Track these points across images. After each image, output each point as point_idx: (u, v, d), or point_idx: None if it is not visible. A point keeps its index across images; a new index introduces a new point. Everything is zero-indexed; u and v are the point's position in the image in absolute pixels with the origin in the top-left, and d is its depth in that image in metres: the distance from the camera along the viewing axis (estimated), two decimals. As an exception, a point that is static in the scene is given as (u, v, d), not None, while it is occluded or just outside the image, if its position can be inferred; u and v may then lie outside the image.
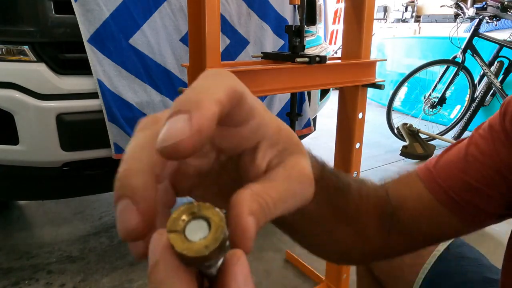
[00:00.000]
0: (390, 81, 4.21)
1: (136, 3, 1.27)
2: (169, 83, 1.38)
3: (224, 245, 0.17)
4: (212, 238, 0.16)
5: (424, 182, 0.47)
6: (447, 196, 0.45)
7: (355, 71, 1.09)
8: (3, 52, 1.19)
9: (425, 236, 0.47)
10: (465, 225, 0.46)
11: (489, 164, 0.44)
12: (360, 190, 0.42)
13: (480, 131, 0.46)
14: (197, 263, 0.16)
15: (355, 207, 0.42)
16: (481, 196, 0.44)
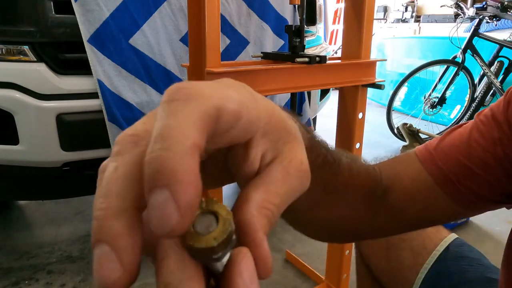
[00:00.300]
0: (390, 81, 4.21)
1: (136, 3, 1.27)
2: (169, 83, 1.38)
3: (231, 238, 0.17)
4: (220, 230, 0.17)
5: (423, 163, 0.46)
6: (447, 179, 0.45)
7: (355, 71, 1.09)
8: (3, 52, 1.19)
9: (418, 217, 0.47)
10: (460, 209, 0.46)
11: (491, 152, 0.43)
12: (350, 167, 0.41)
13: (482, 117, 0.46)
14: (206, 255, 0.17)
15: (343, 183, 0.41)
16: (481, 182, 0.44)
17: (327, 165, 0.37)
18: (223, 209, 0.17)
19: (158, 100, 1.37)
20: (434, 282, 0.66)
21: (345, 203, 0.43)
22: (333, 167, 0.38)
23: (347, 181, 0.41)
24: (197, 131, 0.16)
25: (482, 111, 0.47)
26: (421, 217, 0.47)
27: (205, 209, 0.17)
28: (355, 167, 0.42)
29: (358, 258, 0.82)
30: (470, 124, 0.47)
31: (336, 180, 0.40)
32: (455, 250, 0.70)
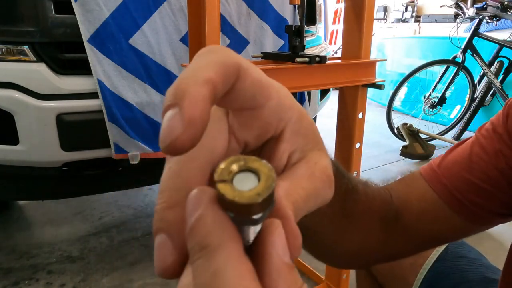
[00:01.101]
0: (390, 81, 4.21)
1: (136, 3, 1.27)
2: (169, 83, 1.38)
3: (273, 198, 0.16)
4: (263, 186, 0.15)
5: (428, 182, 0.47)
6: (452, 195, 0.45)
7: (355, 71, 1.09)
8: (3, 52, 1.19)
9: (429, 236, 0.47)
10: (470, 225, 0.46)
11: (493, 164, 0.44)
12: (366, 192, 0.42)
13: (483, 131, 0.47)
14: (247, 214, 0.15)
15: (362, 209, 0.41)
16: (486, 196, 0.44)
17: (348, 193, 0.38)
18: (264, 166, 0.16)
19: (158, 100, 1.37)
20: (434, 282, 0.66)
21: (364, 229, 0.43)
22: (353, 194, 0.39)
23: (365, 208, 0.42)
24: (213, 71, 0.17)
25: (482, 126, 0.48)
26: (433, 236, 0.47)
27: (245, 166, 0.16)
28: (370, 192, 0.43)
29: (358, 258, 0.82)
30: (471, 140, 0.47)
31: (356, 207, 0.40)
32: (454, 250, 0.70)
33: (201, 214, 0.16)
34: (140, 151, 1.37)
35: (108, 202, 2.04)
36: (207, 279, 0.15)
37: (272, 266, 0.16)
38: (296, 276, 0.16)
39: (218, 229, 0.15)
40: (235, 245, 0.15)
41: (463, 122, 3.23)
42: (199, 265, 0.15)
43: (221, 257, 0.15)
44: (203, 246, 0.15)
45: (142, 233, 1.74)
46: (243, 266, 0.15)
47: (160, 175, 0.20)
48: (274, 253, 0.16)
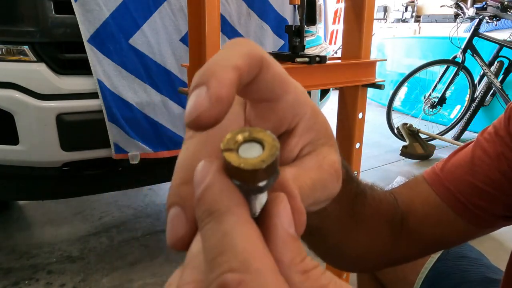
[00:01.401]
0: (390, 81, 4.21)
1: (136, 3, 1.27)
2: (169, 83, 1.38)
3: (277, 166, 0.17)
4: (268, 154, 0.16)
5: (431, 185, 0.47)
6: (455, 198, 0.45)
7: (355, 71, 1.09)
8: (3, 52, 1.19)
9: (433, 240, 0.47)
10: (473, 228, 0.46)
11: (496, 166, 0.44)
12: (373, 196, 0.42)
13: (485, 135, 0.47)
14: (252, 181, 0.16)
15: (369, 212, 0.42)
16: (489, 199, 0.44)
17: (357, 197, 0.39)
18: (268, 136, 0.17)
19: (158, 100, 1.37)
20: (435, 282, 0.66)
21: (371, 232, 0.44)
22: (362, 198, 0.40)
23: (372, 211, 0.42)
24: (240, 60, 0.18)
25: (485, 129, 0.48)
26: (437, 239, 0.48)
27: (250, 137, 0.17)
28: (376, 196, 0.43)
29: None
30: (473, 143, 0.47)
31: (365, 210, 0.41)
32: (455, 250, 0.70)
33: (208, 183, 0.16)
34: (140, 151, 1.37)
35: (108, 202, 2.04)
36: (216, 241, 0.15)
37: (278, 236, 0.16)
38: (301, 247, 0.17)
39: (226, 196, 0.16)
40: (242, 210, 0.16)
41: (463, 122, 3.23)
42: (208, 229, 0.16)
43: (229, 221, 0.15)
44: (211, 212, 0.16)
45: (142, 233, 1.74)
46: (250, 229, 0.16)
47: (160, 175, 0.21)
48: (279, 223, 0.17)
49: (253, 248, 0.15)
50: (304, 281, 0.16)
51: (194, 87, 0.17)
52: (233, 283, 0.14)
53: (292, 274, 0.16)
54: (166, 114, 1.39)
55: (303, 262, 0.16)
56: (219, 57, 0.18)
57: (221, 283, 0.14)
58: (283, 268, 0.16)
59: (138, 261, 1.55)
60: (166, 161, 1.47)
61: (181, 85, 1.36)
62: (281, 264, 0.16)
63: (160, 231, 1.77)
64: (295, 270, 0.16)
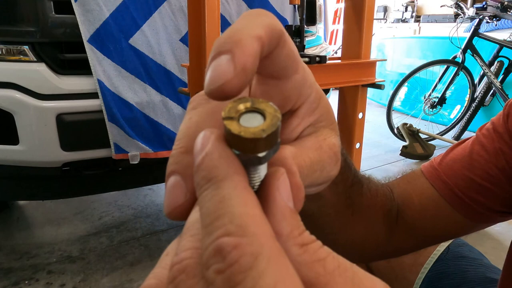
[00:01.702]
0: (390, 81, 4.21)
1: (136, 3, 1.27)
2: (169, 83, 1.38)
3: (278, 137, 0.16)
4: (269, 123, 0.16)
5: (429, 179, 0.47)
6: (452, 193, 0.46)
7: (355, 71, 1.09)
8: (3, 52, 1.19)
9: (429, 233, 0.48)
10: (470, 223, 0.46)
11: (493, 162, 0.44)
12: (369, 187, 0.43)
13: (484, 131, 0.47)
14: (252, 151, 0.16)
15: (366, 203, 0.42)
16: (486, 194, 0.44)
17: (355, 186, 0.39)
18: (270, 107, 0.17)
19: (158, 100, 1.37)
20: (435, 282, 0.66)
21: (368, 222, 0.44)
22: (358, 187, 0.40)
23: (369, 202, 0.42)
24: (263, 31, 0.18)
25: (483, 126, 0.48)
26: (433, 233, 0.48)
27: (251, 107, 0.17)
28: (373, 187, 0.43)
29: (357, 258, 0.82)
30: (472, 139, 0.48)
31: (361, 200, 0.41)
32: (455, 250, 0.70)
33: (208, 151, 0.16)
34: (140, 151, 1.37)
35: (108, 202, 2.04)
36: (213, 206, 0.15)
37: (276, 209, 0.16)
38: (299, 221, 0.17)
39: (225, 163, 0.16)
40: (241, 177, 0.16)
41: (463, 122, 3.23)
42: (205, 195, 0.15)
43: (228, 187, 0.15)
44: (210, 179, 0.16)
45: (142, 233, 1.74)
46: (248, 195, 0.15)
47: (160, 175, 0.21)
48: (278, 196, 0.16)
49: (250, 213, 0.15)
50: (302, 253, 0.16)
51: (217, 54, 0.17)
52: (229, 246, 0.14)
53: (290, 246, 0.16)
54: (166, 114, 1.39)
55: (301, 235, 0.16)
56: (241, 26, 0.18)
57: (217, 247, 0.14)
58: (281, 241, 0.16)
59: (138, 261, 1.55)
60: (166, 161, 1.47)
61: (181, 85, 1.36)
62: (279, 237, 0.16)
63: (160, 231, 1.77)
64: (293, 243, 0.16)
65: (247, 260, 0.13)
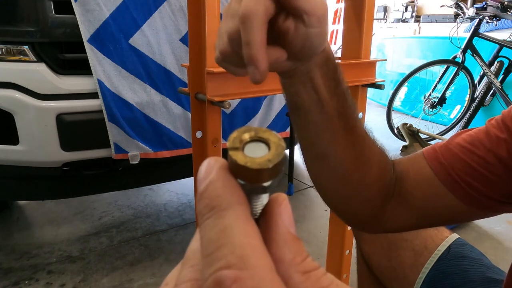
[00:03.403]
0: (390, 81, 4.21)
1: (136, 3, 1.27)
2: (169, 83, 1.38)
3: (283, 165, 0.16)
4: (274, 153, 0.16)
5: (427, 159, 0.49)
6: (447, 174, 0.47)
7: (355, 71, 1.09)
8: (3, 52, 1.19)
9: (424, 212, 0.49)
10: (467, 208, 0.47)
11: (493, 151, 0.45)
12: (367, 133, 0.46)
13: (493, 121, 0.48)
14: (257, 181, 0.16)
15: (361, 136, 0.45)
16: (482, 180, 0.45)
17: (347, 101, 0.43)
18: (274, 136, 0.17)
19: (158, 100, 1.37)
20: (435, 281, 0.66)
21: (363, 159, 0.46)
22: (353, 109, 0.44)
23: (365, 136, 0.45)
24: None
25: (494, 117, 0.49)
26: (429, 212, 0.49)
27: (255, 136, 0.17)
28: (371, 134, 0.47)
29: (359, 257, 0.82)
30: (479, 128, 0.49)
31: (356, 123, 0.44)
32: (456, 250, 0.70)
33: (212, 179, 0.16)
34: (140, 151, 1.37)
35: (108, 202, 2.04)
36: (215, 236, 0.15)
37: (279, 235, 0.16)
38: (302, 247, 0.17)
39: (228, 193, 0.16)
40: (244, 208, 0.16)
41: (463, 122, 3.23)
42: (207, 224, 0.15)
43: (230, 217, 0.15)
44: (212, 207, 0.16)
45: (142, 233, 1.74)
46: (250, 226, 0.15)
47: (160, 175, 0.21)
48: (281, 222, 0.17)
49: (251, 244, 0.15)
50: (304, 281, 0.15)
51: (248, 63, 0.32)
52: (229, 280, 0.13)
53: (293, 273, 0.15)
54: (166, 114, 1.39)
55: (304, 262, 0.16)
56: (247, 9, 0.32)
57: (216, 279, 0.14)
58: (284, 268, 0.16)
59: (138, 261, 1.55)
60: (166, 161, 1.47)
61: (181, 85, 1.36)
62: (281, 263, 0.16)
63: (160, 231, 1.77)
64: (295, 270, 0.16)
65: None
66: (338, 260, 1.28)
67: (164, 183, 2.21)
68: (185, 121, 1.43)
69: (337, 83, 0.42)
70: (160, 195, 2.14)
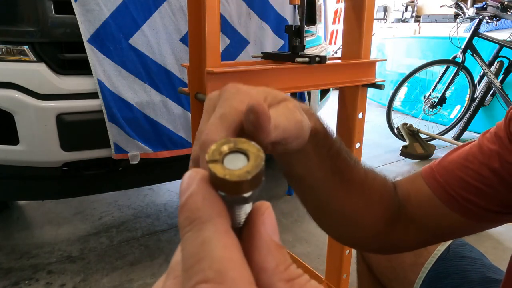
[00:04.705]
0: (390, 81, 4.21)
1: (136, 3, 1.27)
2: (169, 83, 1.38)
3: (262, 175, 0.17)
4: (253, 164, 0.16)
5: (424, 178, 0.49)
6: (445, 191, 0.47)
7: (355, 71, 1.09)
8: (3, 52, 1.19)
9: (428, 230, 0.49)
10: (469, 222, 0.47)
11: (486, 164, 0.45)
12: (366, 171, 0.44)
13: (487, 134, 0.48)
14: (237, 192, 0.16)
15: (359, 180, 0.44)
16: (478, 194, 0.45)
17: (341, 157, 0.41)
18: (253, 147, 0.17)
19: (158, 100, 1.37)
20: (435, 281, 0.66)
21: (361, 200, 0.45)
22: (348, 162, 0.42)
23: (363, 181, 0.44)
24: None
25: (488, 130, 0.50)
26: (433, 230, 0.49)
27: (234, 148, 0.17)
28: (370, 173, 0.45)
29: (359, 257, 0.82)
30: (473, 142, 0.49)
31: (352, 173, 0.43)
32: (456, 250, 0.70)
33: (192, 192, 0.16)
34: (140, 151, 1.37)
35: (108, 202, 2.04)
36: (194, 249, 0.15)
37: (262, 243, 0.16)
38: (286, 255, 0.17)
39: (208, 205, 0.16)
40: (223, 220, 0.16)
41: (463, 122, 3.23)
42: (187, 237, 0.15)
43: (209, 230, 0.15)
44: (192, 220, 0.16)
45: (142, 233, 1.74)
46: (229, 239, 0.15)
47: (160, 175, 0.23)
48: (264, 231, 0.17)
49: (230, 257, 0.15)
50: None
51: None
52: None
53: (276, 282, 0.15)
54: (166, 114, 1.39)
55: (287, 270, 0.16)
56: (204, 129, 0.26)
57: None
58: (267, 276, 0.16)
59: (138, 261, 1.55)
60: (166, 161, 1.47)
61: (181, 85, 1.36)
62: (265, 272, 0.16)
63: (160, 231, 1.77)
64: (278, 278, 0.16)
65: None
66: (338, 260, 1.28)
67: (164, 183, 2.21)
68: (185, 121, 1.43)
69: (329, 147, 0.39)
70: (160, 195, 2.14)
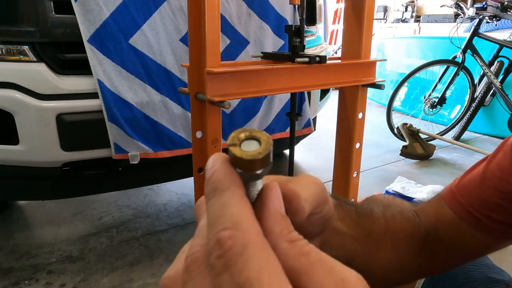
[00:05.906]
0: (390, 81, 4.21)
1: (136, 3, 1.27)
2: (169, 83, 1.38)
3: (271, 156, 0.21)
4: (263, 148, 0.20)
5: (446, 201, 0.49)
6: (468, 212, 0.47)
7: (355, 71, 1.09)
8: (3, 52, 1.19)
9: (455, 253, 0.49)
10: (493, 240, 0.47)
11: (506, 179, 0.45)
12: (384, 214, 0.45)
13: (505, 147, 0.48)
14: (251, 168, 0.20)
15: (382, 229, 0.44)
16: (498, 210, 0.45)
17: (362, 217, 0.41)
18: (264, 135, 0.21)
19: (158, 100, 1.37)
20: (437, 282, 0.66)
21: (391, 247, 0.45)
22: (368, 217, 0.42)
23: (385, 226, 0.44)
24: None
25: (505, 141, 0.49)
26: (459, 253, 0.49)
27: (249, 135, 0.21)
28: (388, 213, 0.46)
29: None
30: (490, 157, 0.49)
31: (374, 227, 0.43)
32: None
33: (216, 168, 0.21)
34: (140, 151, 1.37)
35: (108, 202, 2.04)
36: (216, 210, 0.19)
37: (269, 213, 0.21)
38: (289, 223, 0.21)
39: (228, 178, 0.20)
40: (239, 189, 0.20)
41: (463, 122, 3.23)
42: (212, 202, 0.20)
43: (228, 195, 0.20)
44: (215, 189, 0.20)
45: (142, 233, 1.74)
46: (243, 202, 0.20)
47: (160, 175, 0.25)
48: (271, 203, 0.21)
49: (244, 214, 0.19)
50: (290, 248, 0.19)
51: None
52: (225, 237, 0.18)
53: (280, 242, 0.20)
54: (166, 114, 1.39)
55: (290, 234, 0.20)
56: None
57: (217, 238, 0.18)
58: (273, 237, 0.20)
59: (138, 261, 1.55)
60: (166, 161, 1.47)
61: (181, 85, 1.36)
62: (271, 234, 0.20)
63: (160, 231, 1.77)
64: (283, 239, 0.20)
65: (239, 247, 0.17)
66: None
67: (164, 183, 2.21)
68: (185, 121, 1.43)
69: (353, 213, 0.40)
70: (160, 195, 2.14)
